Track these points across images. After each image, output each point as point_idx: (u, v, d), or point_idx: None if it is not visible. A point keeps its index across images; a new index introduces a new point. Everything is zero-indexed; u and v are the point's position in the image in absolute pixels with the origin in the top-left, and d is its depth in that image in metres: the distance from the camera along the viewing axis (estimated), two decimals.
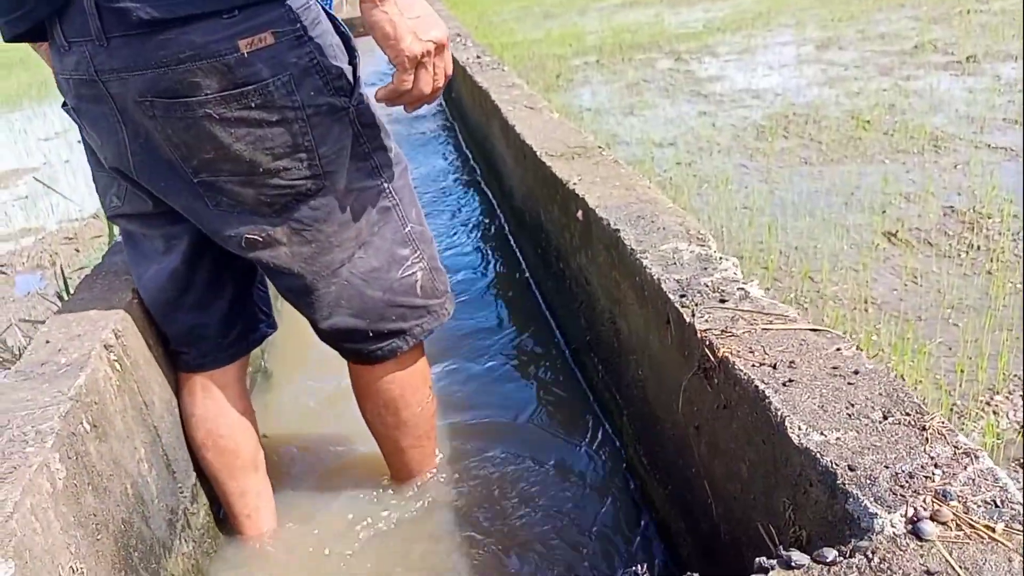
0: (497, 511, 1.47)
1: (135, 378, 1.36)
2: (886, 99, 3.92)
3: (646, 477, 1.42)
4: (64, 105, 1.24)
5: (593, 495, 1.48)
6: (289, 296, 1.32)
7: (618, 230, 1.40)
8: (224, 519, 1.56)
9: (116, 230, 2.43)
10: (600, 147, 1.82)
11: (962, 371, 1.80)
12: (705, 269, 1.22)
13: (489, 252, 2.81)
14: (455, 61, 3.49)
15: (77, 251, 3.29)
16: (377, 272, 1.27)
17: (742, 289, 1.14)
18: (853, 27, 5.84)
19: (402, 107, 1.13)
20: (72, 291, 1.62)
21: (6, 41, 1.17)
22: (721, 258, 1.24)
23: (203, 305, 1.35)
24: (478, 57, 3.27)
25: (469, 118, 3.55)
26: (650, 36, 6.68)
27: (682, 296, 1.14)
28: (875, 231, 2.53)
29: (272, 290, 1.48)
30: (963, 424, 1.64)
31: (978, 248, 2.33)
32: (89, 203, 4.04)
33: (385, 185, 1.25)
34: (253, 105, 1.08)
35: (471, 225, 3.07)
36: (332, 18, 1.16)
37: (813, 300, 2.18)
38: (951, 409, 1.68)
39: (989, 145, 3.12)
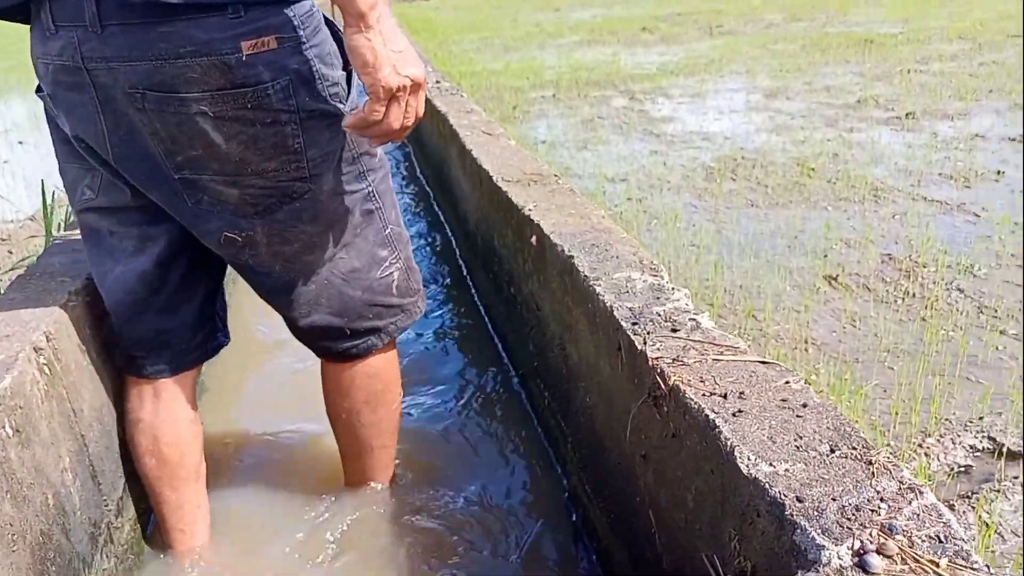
0: (435, 537, 1.44)
1: (65, 384, 1.30)
2: (830, 148, 4.05)
3: (589, 505, 1.41)
4: (39, 90, 1.20)
5: (535, 523, 1.47)
6: (266, 295, 1.31)
7: (572, 257, 1.41)
8: (151, 535, 1.49)
9: (54, 231, 2.35)
10: (556, 175, 1.83)
11: (896, 413, 1.84)
12: (658, 299, 1.22)
13: (440, 275, 2.79)
14: None
15: (10, 252, 3.16)
16: (358, 272, 1.28)
17: (693, 319, 1.15)
18: (801, 79, 6.05)
19: (367, 141, 1.15)
20: (3, 292, 1.55)
21: None
22: (673, 289, 1.25)
23: (171, 309, 1.31)
24: (437, 82, 3.28)
25: (426, 142, 3.55)
26: (606, 74, 6.81)
27: (634, 324, 1.15)
28: (817, 274, 2.60)
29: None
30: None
31: (913, 295, 2.41)
32: (26, 204, 3.89)
33: (369, 189, 1.26)
34: (249, 106, 1.06)
35: (423, 247, 3.05)
36: (330, 24, 1.15)
37: (756, 338, 2.22)
38: (886, 448, 1.72)
39: (926, 198, 3.25)
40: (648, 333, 1.11)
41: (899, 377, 1.98)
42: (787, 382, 0.98)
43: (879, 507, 0.75)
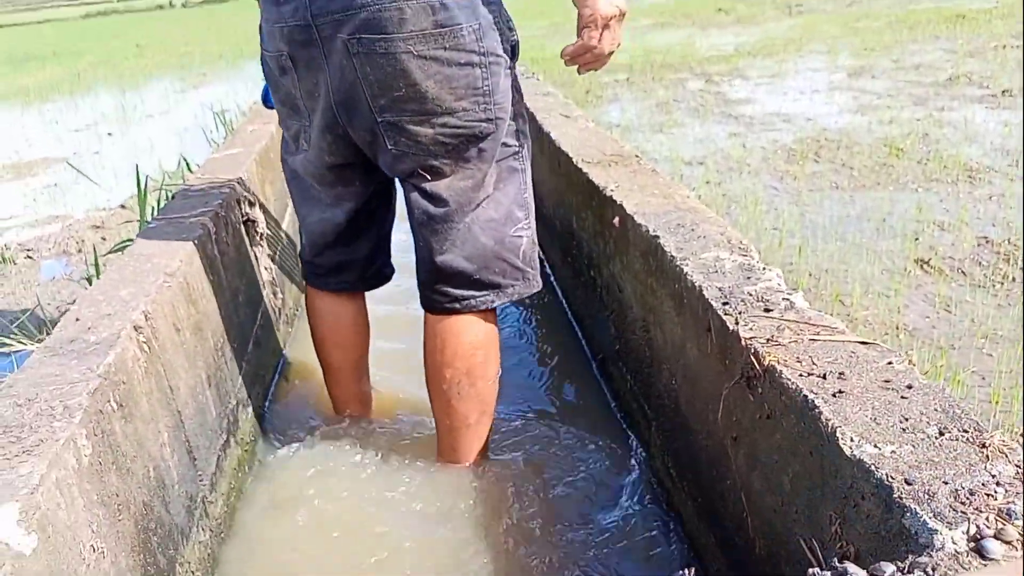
0: (523, 515, 1.44)
1: (162, 361, 1.34)
2: (920, 128, 3.88)
3: (673, 489, 1.39)
4: (266, 52, 1.38)
5: (620, 505, 1.45)
6: (424, 223, 1.40)
7: (657, 237, 1.38)
8: (242, 510, 1.54)
9: (147, 214, 2.44)
10: (637, 156, 1.80)
11: (996, 402, 1.75)
12: (748, 278, 1.19)
13: None
14: None
15: (104, 239, 3.30)
16: (494, 223, 1.38)
17: (787, 299, 1.11)
18: (887, 56, 5.82)
19: (576, 68, 1.33)
20: (102, 273, 1.62)
21: None
22: (764, 268, 1.22)
23: (352, 247, 1.57)
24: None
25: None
26: (680, 57, 6.69)
27: (725, 304, 1.12)
28: (907, 258, 2.49)
29: None
30: None
31: (1013, 279, 2.29)
32: (117, 192, 4.06)
33: (520, 150, 1.40)
34: (447, 46, 1.22)
35: None
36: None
37: (844, 324, 2.14)
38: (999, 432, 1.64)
39: None
40: (740, 313, 1.08)
41: (999, 364, 1.88)
42: (890, 363, 0.94)
43: (995, 491, 0.71)
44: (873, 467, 0.76)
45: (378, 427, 1.75)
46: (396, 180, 1.50)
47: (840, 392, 0.88)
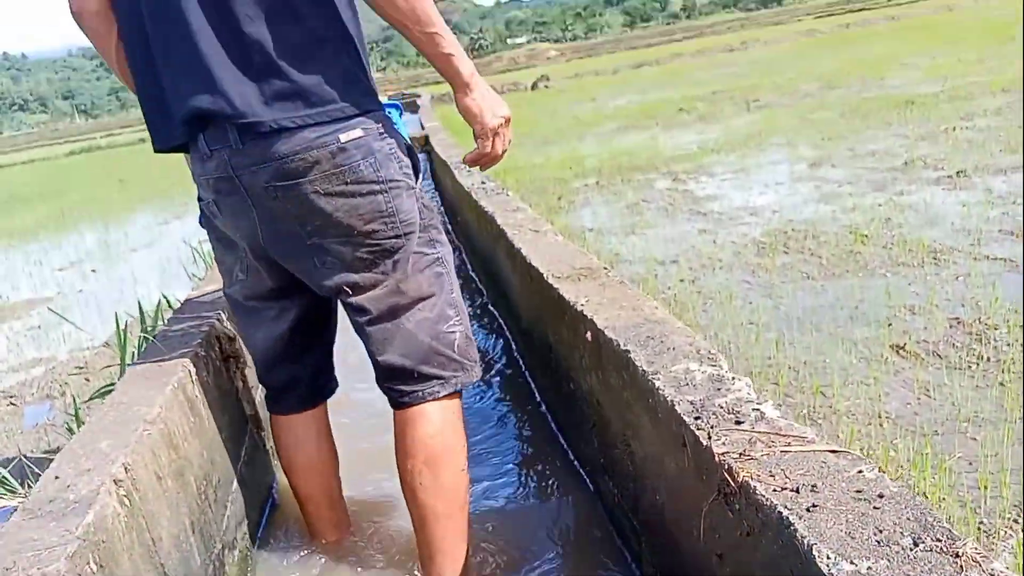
0: None
1: (143, 513, 1.33)
2: (882, 214, 4.01)
3: None
4: (200, 200, 1.55)
5: None
6: (362, 332, 1.56)
7: (628, 351, 1.41)
8: None
9: (128, 357, 2.45)
10: (605, 267, 1.85)
11: (985, 487, 1.76)
12: (719, 390, 1.21)
13: (499, 373, 2.80)
14: (461, 187, 3.61)
15: (87, 380, 3.29)
16: (428, 322, 1.53)
17: (757, 410, 1.13)
18: (843, 145, 6.05)
19: (478, 168, 1.54)
20: (82, 422, 1.62)
21: (156, 152, 1.53)
22: (734, 378, 1.24)
23: (300, 360, 1.71)
24: (482, 183, 3.38)
25: (476, 242, 3.64)
26: (647, 158, 6.92)
27: (697, 418, 1.14)
28: (883, 344, 2.53)
29: None
30: (992, 543, 1.58)
31: (988, 359, 2.33)
32: (101, 332, 4.07)
33: (439, 255, 1.56)
34: (349, 181, 1.39)
35: (480, 347, 3.08)
36: (399, 134, 1.51)
37: (826, 416, 2.16)
38: (979, 527, 1.63)
39: (988, 256, 3.17)
40: (712, 427, 1.10)
41: (984, 448, 1.89)
42: (860, 471, 0.95)
43: None
44: None
45: (358, 551, 1.75)
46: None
47: (814, 506, 0.89)
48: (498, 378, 2.78)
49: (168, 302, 3.41)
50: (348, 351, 2.04)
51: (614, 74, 23.15)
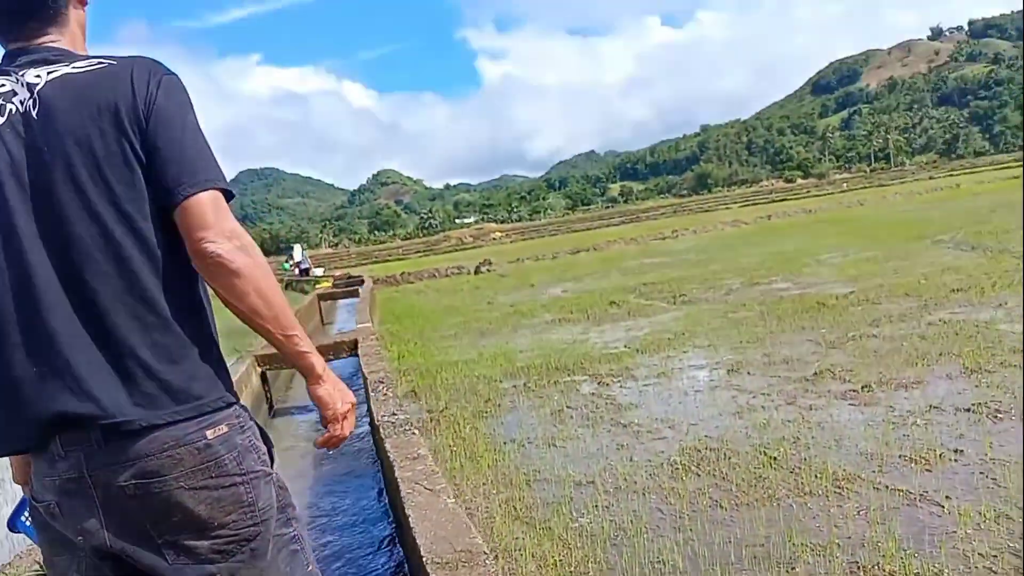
0: None
1: None
2: (791, 432, 4.10)
3: None
4: (36, 502, 1.45)
5: None
6: None
7: None
8: None
9: None
10: (486, 552, 1.82)
11: None
12: None
13: None
14: (373, 414, 3.59)
15: None
16: None
17: None
18: (760, 350, 6.28)
19: (326, 449, 1.55)
20: None
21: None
22: None
23: None
24: (394, 414, 3.37)
25: (387, 474, 3.58)
26: (575, 357, 7.06)
27: None
28: None
29: None
30: None
31: None
32: None
33: (295, 533, 1.53)
34: (214, 475, 1.38)
35: None
36: (255, 423, 1.52)
37: None
38: None
39: (888, 487, 3.23)
40: None
41: None
42: None
43: None
44: None
45: None
46: None
47: None
48: None
49: None
50: None
51: (553, 259, 24.10)
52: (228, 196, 1.43)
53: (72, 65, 1.42)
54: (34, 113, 1.37)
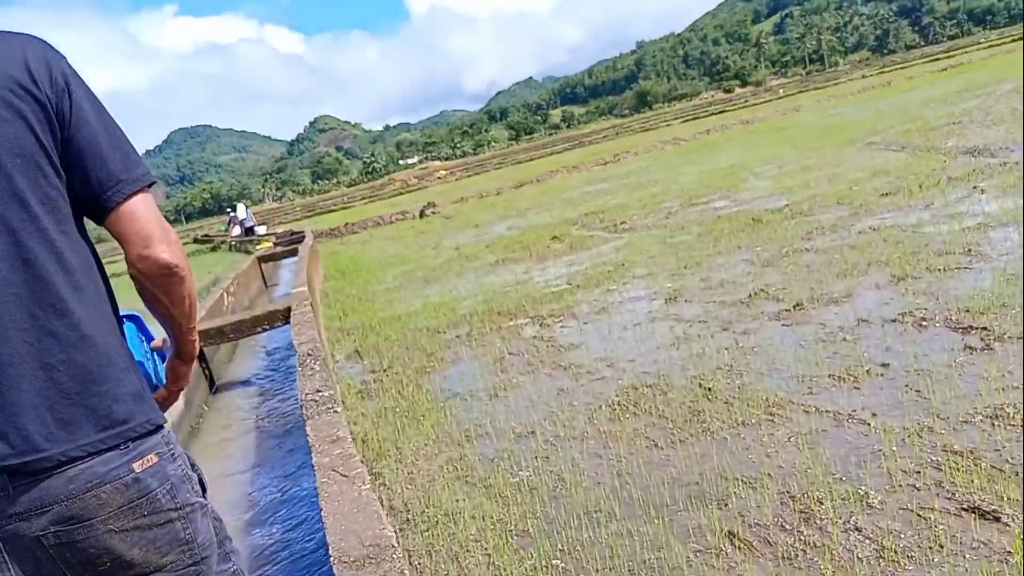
0: None
1: None
2: (726, 360, 4.13)
3: None
4: None
5: None
6: None
7: None
8: None
9: None
10: (394, 546, 1.77)
11: None
12: None
13: None
14: (302, 391, 3.49)
15: None
16: None
17: None
18: (697, 275, 6.31)
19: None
20: None
21: None
22: None
23: None
24: (318, 391, 3.29)
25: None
26: (518, 299, 7.01)
27: None
28: (719, 532, 2.52)
29: None
30: None
31: (814, 545, 2.34)
32: None
33: (235, 568, 1.46)
34: (146, 513, 1.25)
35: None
36: (182, 449, 1.41)
37: None
38: None
39: (818, 409, 3.27)
40: None
41: None
42: None
43: None
44: None
45: None
46: None
47: None
48: None
49: None
50: None
51: (497, 195, 23.89)
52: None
53: None
54: None
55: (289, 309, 5.69)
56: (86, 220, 1.31)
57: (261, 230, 28.53)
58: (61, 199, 1.23)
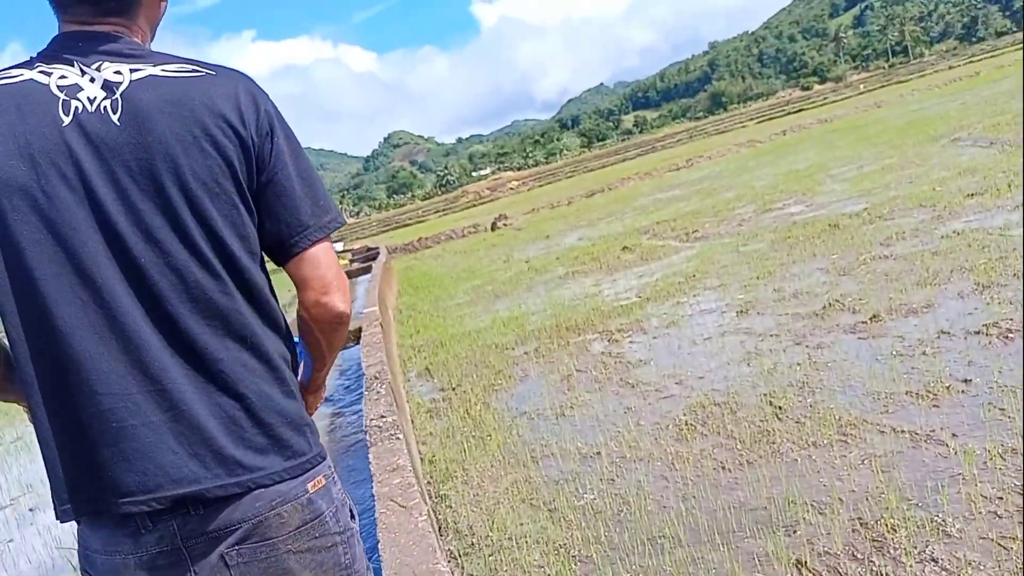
0: None
1: None
2: (798, 377, 4.01)
3: None
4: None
5: None
6: None
7: None
8: None
9: None
10: None
11: None
12: None
13: None
14: (367, 417, 3.56)
15: None
16: None
17: None
18: (771, 285, 6.15)
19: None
20: None
21: (60, 520, 1.21)
22: None
23: None
24: (382, 416, 3.35)
25: None
26: (586, 313, 6.98)
27: None
28: (785, 560, 2.45)
29: None
30: None
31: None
32: None
33: None
34: (317, 535, 1.27)
35: None
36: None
37: None
38: None
39: (894, 429, 3.14)
40: None
41: None
42: None
43: None
44: None
45: None
46: None
47: None
48: None
49: None
50: None
51: (568, 204, 23.87)
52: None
53: (159, 67, 1.20)
54: (114, 118, 1.15)
55: (360, 330, 5.80)
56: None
57: (338, 247, 29.25)
58: (253, 236, 1.25)
